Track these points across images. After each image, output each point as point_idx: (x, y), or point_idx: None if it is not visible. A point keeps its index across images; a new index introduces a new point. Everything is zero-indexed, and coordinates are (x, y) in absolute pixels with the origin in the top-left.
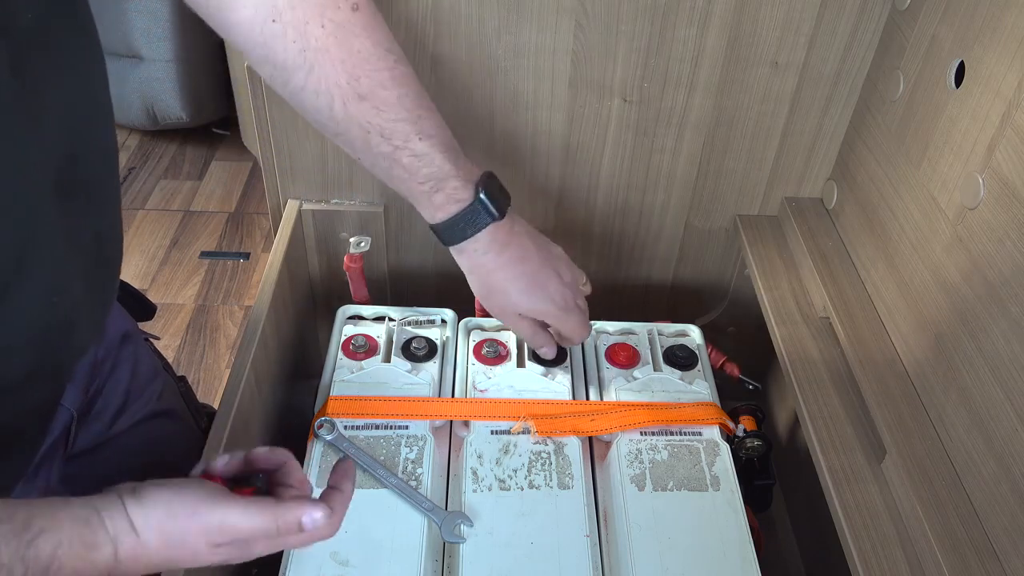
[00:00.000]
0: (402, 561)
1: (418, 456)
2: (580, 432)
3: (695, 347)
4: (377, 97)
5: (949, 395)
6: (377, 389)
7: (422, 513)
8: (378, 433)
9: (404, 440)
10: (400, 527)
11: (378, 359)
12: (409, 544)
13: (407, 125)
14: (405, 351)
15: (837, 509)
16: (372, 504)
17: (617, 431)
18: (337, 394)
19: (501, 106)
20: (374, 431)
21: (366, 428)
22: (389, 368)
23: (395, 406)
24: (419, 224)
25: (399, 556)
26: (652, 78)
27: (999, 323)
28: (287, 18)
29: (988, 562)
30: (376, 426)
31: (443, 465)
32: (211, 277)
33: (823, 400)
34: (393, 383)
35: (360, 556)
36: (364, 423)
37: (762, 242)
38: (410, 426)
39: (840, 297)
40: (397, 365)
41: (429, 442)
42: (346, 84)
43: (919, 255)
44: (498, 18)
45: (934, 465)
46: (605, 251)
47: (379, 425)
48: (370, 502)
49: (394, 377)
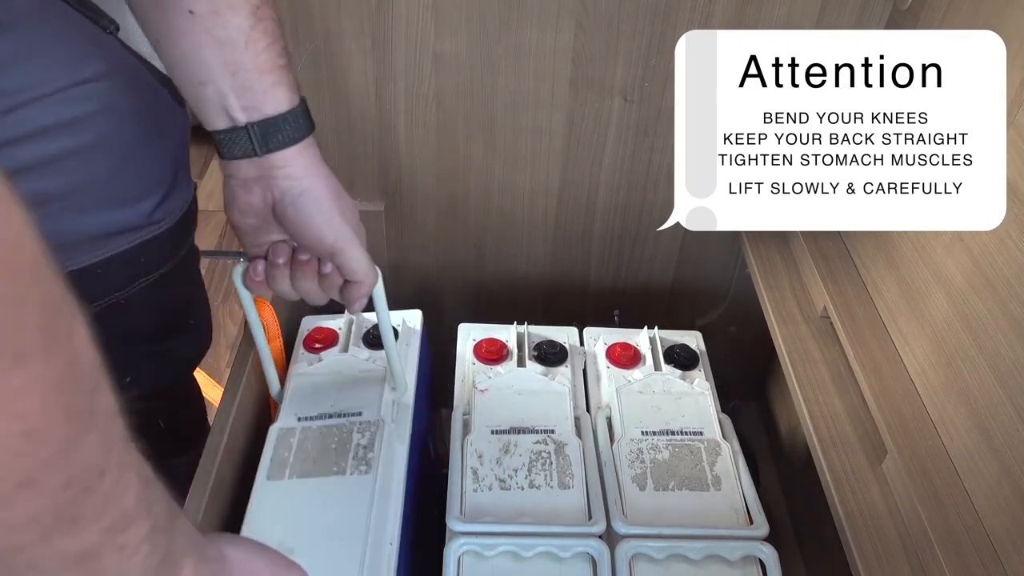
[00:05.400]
0: (348, 547)
1: (369, 442)
2: None
3: (696, 347)
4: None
5: (950, 394)
6: (335, 378)
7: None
8: (331, 422)
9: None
10: (347, 514)
11: (336, 350)
12: (355, 531)
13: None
14: (365, 339)
15: (838, 509)
16: (320, 492)
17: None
18: (296, 387)
19: (501, 105)
20: (327, 420)
21: (320, 418)
22: (347, 357)
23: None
24: (419, 224)
25: (344, 543)
26: (653, 78)
27: (1000, 322)
28: None
29: (989, 562)
30: (329, 415)
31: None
32: (211, 276)
33: (823, 400)
34: (349, 371)
35: (306, 543)
36: (319, 413)
37: (762, 242)
38: (363, 412)
39: (841, 297)
40: (355, 353)
41: (383, 427)
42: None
43: (920, 254)
44: (499, 17)
45: (935, 465)
46: (605, 251)
47: (331, 414)
48: (318, 490)
49: (351, 365)
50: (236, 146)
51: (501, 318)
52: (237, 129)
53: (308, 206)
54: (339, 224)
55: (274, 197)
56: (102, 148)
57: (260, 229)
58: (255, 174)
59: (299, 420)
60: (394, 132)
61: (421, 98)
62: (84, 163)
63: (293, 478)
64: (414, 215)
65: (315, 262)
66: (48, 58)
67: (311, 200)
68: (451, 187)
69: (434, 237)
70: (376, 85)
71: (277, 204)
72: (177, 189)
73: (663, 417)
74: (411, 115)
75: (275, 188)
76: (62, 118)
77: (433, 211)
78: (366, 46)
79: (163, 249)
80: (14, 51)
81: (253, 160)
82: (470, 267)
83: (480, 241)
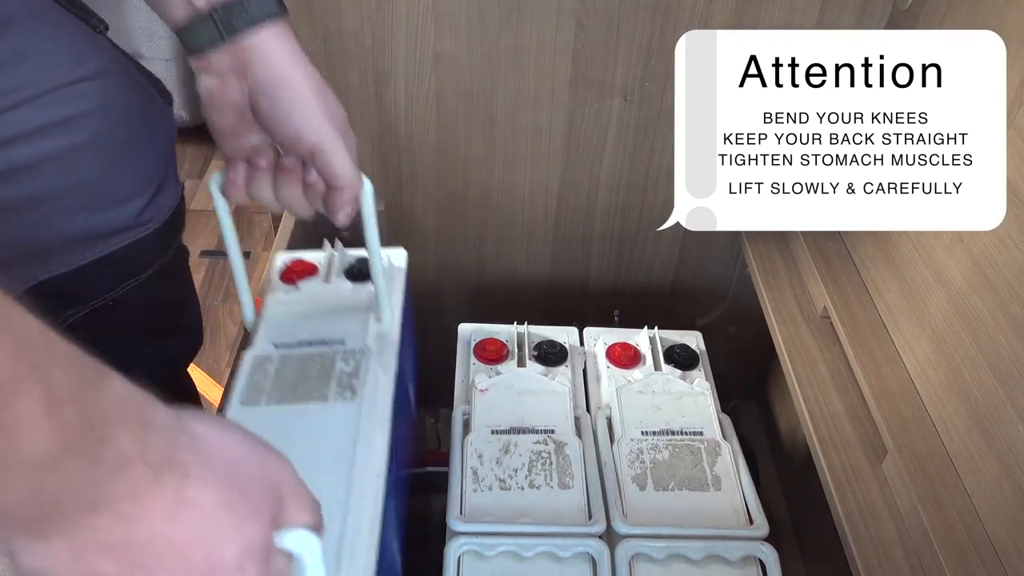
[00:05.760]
0: (332, 477)
1: (355, 369)
2: None
3: (696, 347)
4: None
5: (950, 394)
6: (315, 307)
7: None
8: (312, 350)
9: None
10: (330, 442)
11: (317, 280)
12: (339, 460)
13: None
14: (348, 273)
15: (838, 509)
16: (301, 419)
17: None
18: (272, 315)
19: (501, 105)
20: (308, 348)
21: (299, 345)
22: (328, 287)
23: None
24: (419, 224)
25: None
26: (653, 77)
27: (1000, 322)
28: None
29: (989, 563)
30: (309, 343)
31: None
32: (211, 276)
33: (823, 400)
34: (331, 301)
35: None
36: (298, 340)
37: (763, 241)
38: (347, 341)
39: (841, 297)
40: (338, 284)
41: (369, 356)
42: None
43: (920, 254)
44: (499, 17)
45: (935, 465)
46: (605, 251)
47: (312, 342)
48: (298, 417)
49: (333, 295)
50: (202, 34)
51: (501, 318)
52: (200, 16)
53: (285, 99)
54: (320, 122)
55: (250, 88)
56: (95, 148)
57: (239, 130)
58: (228, 64)
59: (276, 347)
60: (394, 132)
61: (421, 98)
62: (76, 163)
63: (271, 404)
64: (414, 215)
65: (300, 168)
66: (44, 57)
67: (289, 93)
68: (451, 187)
69: (434, 237)
70: (376, 85)
71: (253, 96)
72: (166, 188)
73: (663, 417)
74: (411, 115)
75: (251, 78)
76: (57, 117)
77: (433, 211)
78: (366, 46)
79: (152, 250)
80: (11, 50)
81: (223, 48)
82: (470, 267)
83: (480, 241)
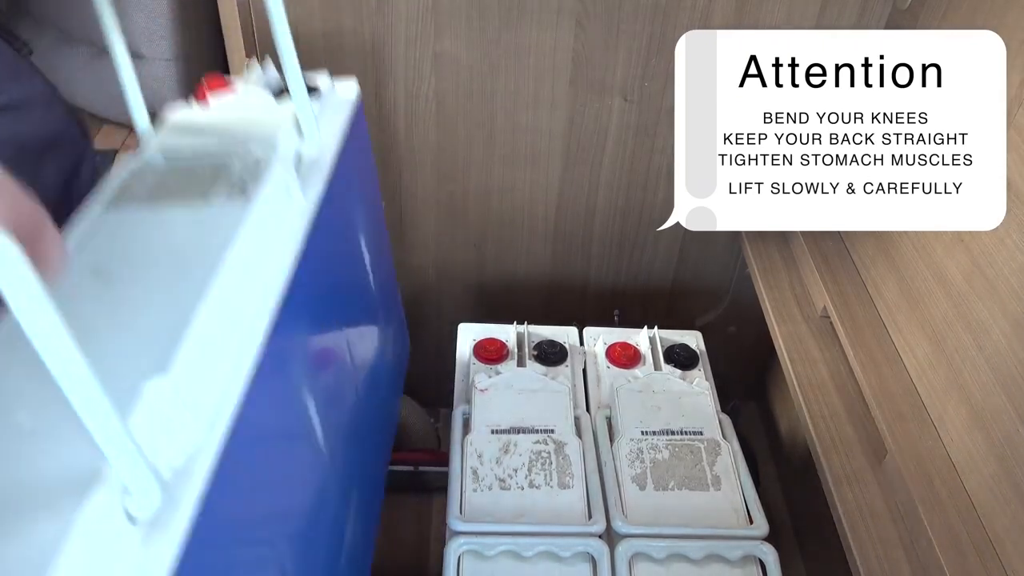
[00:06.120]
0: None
1: (255, 174)
2: None
3: (696, 346)
4: None
5: (950, 394)
6: (225, 122)
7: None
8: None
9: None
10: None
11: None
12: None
13: None
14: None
15: (838, 509)
16: (169, 220)
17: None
18: (173, 126)
19: (501, 105)
20: (203, 160)
21: (195, 157)
22: (248, 103)
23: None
24: (419, 224)
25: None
26: (653, 77)
27: (1000, 322)
28: None
29: (989, 562)
30: (209, 154)
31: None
32: None
33: (823, 400)
34: (246, 118)
35: (130, 272)
36: (193, 152)
37: (762, 242)
38: (251, 145)
39: (841, 297)
40: (260, 101)
41: (277, 162)
42: None
43: (920, 254)
44: (499, 17)
45: (935, 465)
46: (605, 251)
47: (214, 155)
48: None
49: (252, 113)
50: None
51: (501, 318)
52: None
53: None
54: None
55: None
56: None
57: None
58: None
59: (167, 159)
60: (394, 132)
61: (421, 98)
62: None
63: (141, 210)
64: (414, 215)
65: None
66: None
67: None
68: (451, 187)
69: (434, 237)
70: (376, 85)
71: None
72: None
73: (663, 417)
74: (411, 115)
75: None
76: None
77: (433, 211)
78: (366, 46)
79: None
80: None
81: None
82: (470, 267)
83: (480, 241)
